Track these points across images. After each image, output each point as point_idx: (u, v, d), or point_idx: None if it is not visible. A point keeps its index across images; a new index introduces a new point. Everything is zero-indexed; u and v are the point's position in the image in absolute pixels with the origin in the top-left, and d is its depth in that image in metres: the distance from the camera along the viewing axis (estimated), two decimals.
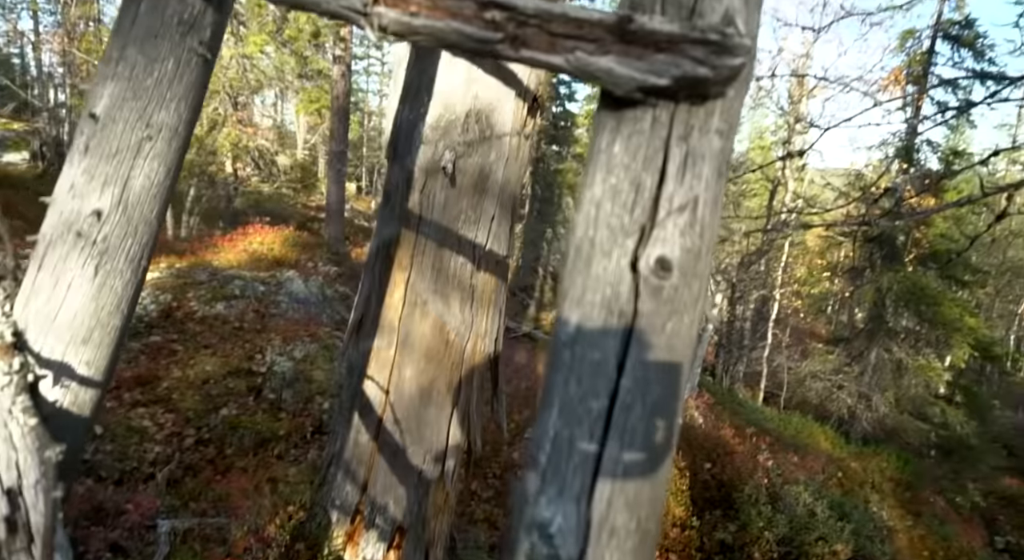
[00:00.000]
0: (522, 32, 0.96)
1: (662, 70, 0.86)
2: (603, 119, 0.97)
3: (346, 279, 13.34)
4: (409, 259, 3.56)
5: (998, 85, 2.48)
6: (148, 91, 1.30)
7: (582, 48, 0.92)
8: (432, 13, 1.02)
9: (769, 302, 19.76)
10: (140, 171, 1.32)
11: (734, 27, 0.89)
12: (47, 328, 1.28)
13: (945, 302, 13.11)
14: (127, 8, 1.32)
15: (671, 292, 0.94)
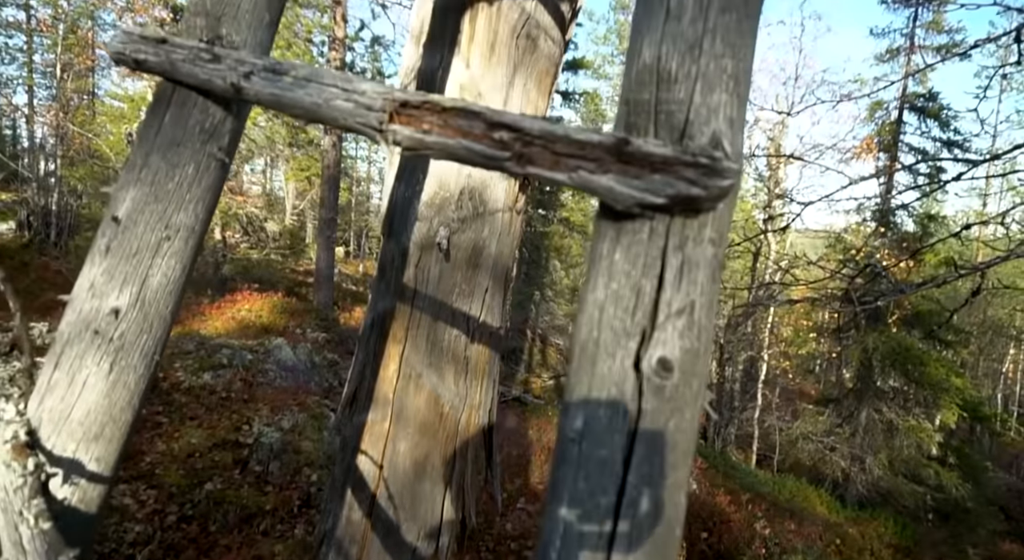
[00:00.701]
0: (528, 151, 1.04)
1: (658, 189, 0.95)
2: (603, 228, 1.04)
3: (335, 345, 13.26)
4: (404, 332, 3.60)
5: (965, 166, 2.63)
6: (169, 194, 1.37)
7: (584, 167, 1.00)
8: (444, 131, 1.11)
9: (757, 363, 19.80)
10: (158, 269, 1.37)
11: (721, 149, 0.98)
12: (61, 426, 1.30)
13: (931, 362, 13.23)
14: (152, 119, 1.41)
15: (673, 391, 1.00)
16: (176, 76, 1.36)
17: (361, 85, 1.20)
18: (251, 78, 1.28)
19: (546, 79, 3.62)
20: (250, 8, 1.46)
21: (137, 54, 1.39)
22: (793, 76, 16.61)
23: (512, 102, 3.47)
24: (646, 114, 1.03)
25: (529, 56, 3.46)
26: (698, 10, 1.01)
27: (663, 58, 1.02)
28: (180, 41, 1.38)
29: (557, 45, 3.60)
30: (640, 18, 1.07)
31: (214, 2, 1.44)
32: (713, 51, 1.00)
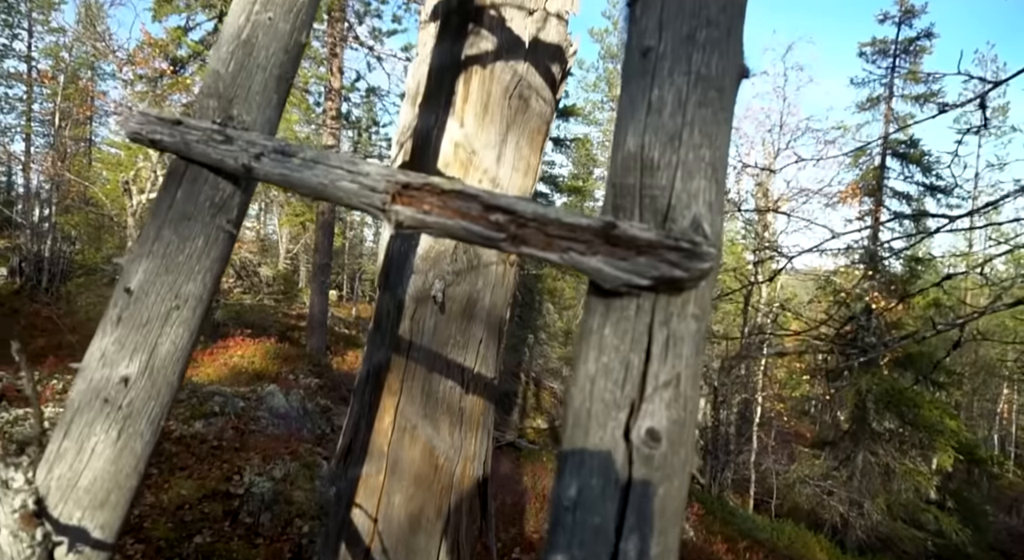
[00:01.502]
0: (522, 232, 1.12)
1: (644, 271, 1.02)
2: (593, 304, 1.11)
3: (327, 391, 13.17)
4: (399, 384, 3.63)
5: (945, 219, 2.74)
6: (179, 266, 1.43)
7: (574, 249, 1.08)
8: (443, 212, 1.19)
9: (752, 405, 19.74)
10: (167, 338, 1.42)
11: (702, 232, 1.06)
12: (68, 494, 1.33)
13: (924, 404, 13.25)
14: (164, 194, 1.49)
15: (661, 460, 1.05)
16: (190, 155, 1.45)
17: (365, 167, 1.28)
18: (261, 159, 1.36)
19: (538, 136, 3.75)
20: (260, 90, 1.55)
21: (153, 135, 1.47)
22: (778, 123, 17.12)
23: (505, 159, 3.59)
24: (631, 197, 1.12)
25: (521, 115, 3.60)
26: (677, 105, 1.10)
27: (646, 147, 1.10)
28: (194, 123, 1.46)
29: (548, 104, 3.74)
30: (624, 109, 1.16)
31: (226, 85, 1.53)
32: (692, 141, 1.09)
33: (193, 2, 18.45)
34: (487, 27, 3.51)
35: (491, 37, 3.50)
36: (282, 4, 1.58)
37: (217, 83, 1.54)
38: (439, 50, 3.67)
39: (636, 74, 1.15)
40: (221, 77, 1.54)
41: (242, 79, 1.53)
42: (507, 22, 3.52)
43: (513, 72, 3.53)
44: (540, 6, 3.59)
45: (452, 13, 3.61)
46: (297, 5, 1.61)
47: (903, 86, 15.61)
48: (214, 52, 1.57)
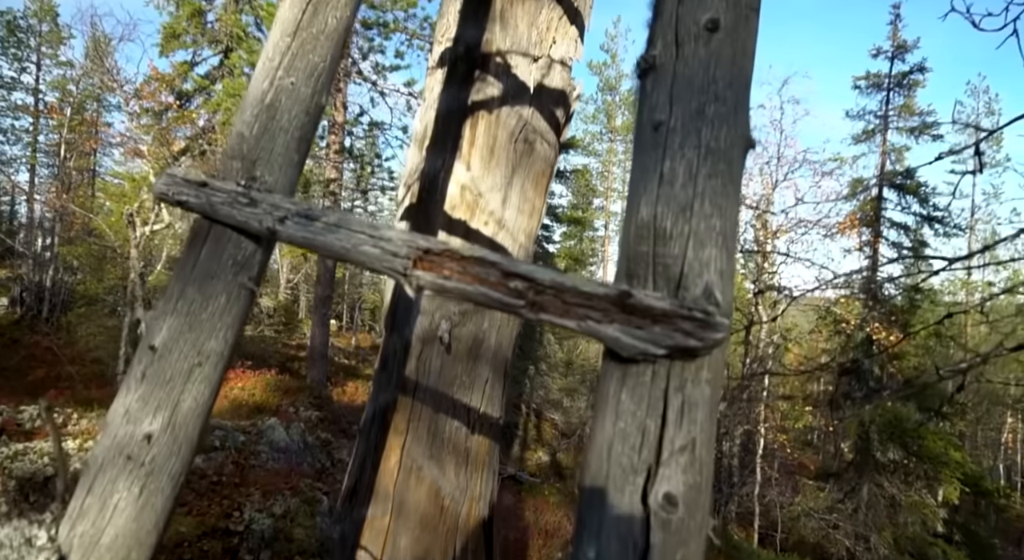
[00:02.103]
0: (540, 299, 1.16)
1: (659, 340, 1.06)
2: (610, 369, 1.15)
3: (328, 424, 13.10)
4: (405, 424, 3.63)
5: (945, 265, 2.80)
6: (202, 324, 1.47)
7: (591, 317, 1.12)
8: (463, 278, 1.23)
9: (755, 436, 19.58)
10: (189, 394, 1.46)
11: (714, 299, 1.10)
12: (90, 552, 1.35)
13: (928, 435, 13.16)
14: (189, 253, 1.53)
15: (678, 524, 1.08)
16: (215, 216, 1.49)
17: (386, 233, 1.33)
18: (285, 222, 1.41)
19: (542, 179, 3.82)
20: (282, 151, 1.61)
21: (180, 196, 1.53)
22: (775, 155, 17.35)
23: (511, 201, 3.65)
24: (645, 265, 1.16)
25: (526, 158, 3.67)
26: (688, 177, 1.15)
27: (659, 217, 1.15)
28: (219, 184, 1.51)
29: (552, 147, 3.82)
30: (637, 179, 1.21)
31: (250, 147, 1.59)
32: (703, 212, 1.14)
33: (200, 38, 18.79)
34: (493, 74, 3.61)
35: (497, 83, 3.60)
36: (304, 69, 1.65)
37: (241, 145, 1.59)
38: (446, 95, 3.76)
39: (648, 146, 1.20)
40: (245, 139, 1.60)
41: (265, 141, 1.59)
42: (512, 69, 3.62)
43: (518, 117, 3.61)
44: (544, 53, 3.69)
45: (459, 60, 3.71)
46: (318, 70, 1.67)
47: (898, 119, 15.86)
48: (239, 116, 1.63)
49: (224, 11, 18.04)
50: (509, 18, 3.63)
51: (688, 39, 1.19)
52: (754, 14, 1.21)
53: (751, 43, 1.21)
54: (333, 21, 1.71)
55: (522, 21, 3.63)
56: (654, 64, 1.22)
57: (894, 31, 15.36)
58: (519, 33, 3.64)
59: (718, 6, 1.19)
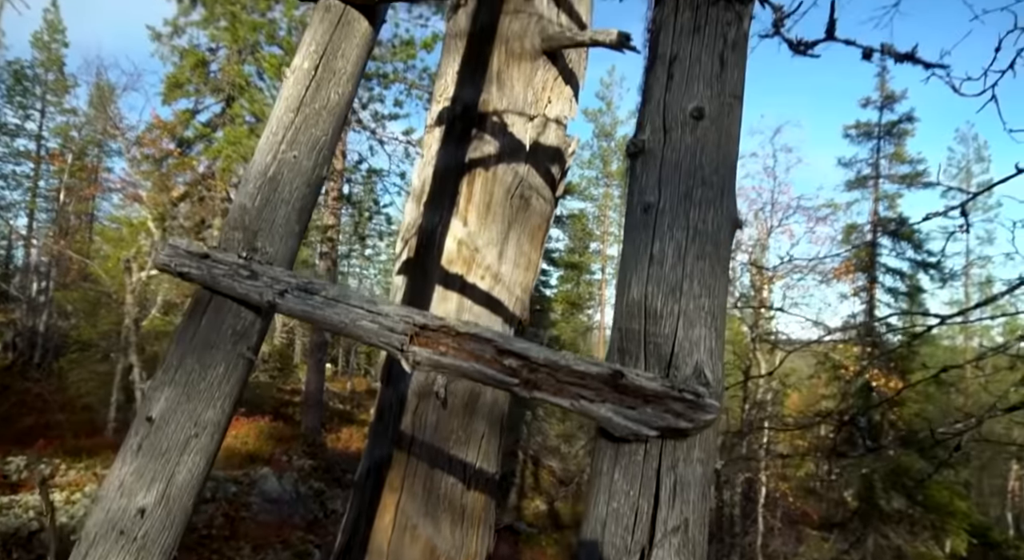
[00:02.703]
0: (534, 377, 1.18)
1: (651, 421, 1.07)
2: (603, 447, 1.16)
3: (321, 472, 12.88)
4: (400, 480, 3.60)
5: (937, 322, 2.83)
6: (200, 394, 1.48)
7: (584, 396, 1.14)
8: (458, 354, 1.26)
9: (756, 484, 19.27)
10: (184, 466, 1.46)
11: (704, 378, 1.12)
12: None
13: (932, 485, 12.96)
14: (189, 323, 1.55)
15: None
16: (216, 288, 1.52)
17: (384, 307, 1.36)
18: (285, 296, 1.44)
19: (538, 233, 3.87)
20: (283, 222, 1.65)
21: (182, 267, 1.56)
22: (770, 202, 17.61)
23: (507, 256, 3.70)
24: (637, 342, 1.19)
25: (522, 214, 3.73)
26: (677, 257, 1.19)
27: (649, 296, 1.18)
28: (221, 256, 1.55)
29: (548, 203, 3.89)
30: (628, 258, 1.25)
31: (252, 219, 1.63)
32: (692, 292, 1.17)
33: (202, 87, 19.16)
34: (490, 132, 3.70)
35: (493, 141, 3.69)
36: (306, 143, 1.71)
37: (243, 217, 1.64)
38: (443, 152, 3.85)
39: (638, 226, 1.25)
40: (247, 211, 1.64)
41: (267, 213, 1.63)
42: (509, 127, 3.71)
43: (514, 173, 3.69)
44: (540, 112, 3.79)
45: (457, 119, 3.81)
46: (320, 143, 1.73)
47: (889, 166, 16.16)
48: (241, 188, 1.68)
49: (227, 61, 18.47)
50: (506, 79, 3.75)
51: (675, 126, 1.24)
52: (737, 102, 1.26)
53: (735, 129, 1.26)
54: (335, 96, 1.77)
55: (518, 82, 3.75)
56: (643, 148, 1.27)
57: (882, 82, 15.79)
58: (515, 93, 3.75)
59: (703, 95, 1.25)
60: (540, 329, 25.74)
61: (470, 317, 3.70)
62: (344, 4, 1.82)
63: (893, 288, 15.43)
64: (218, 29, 17.79)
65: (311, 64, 1.75)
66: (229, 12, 16.59)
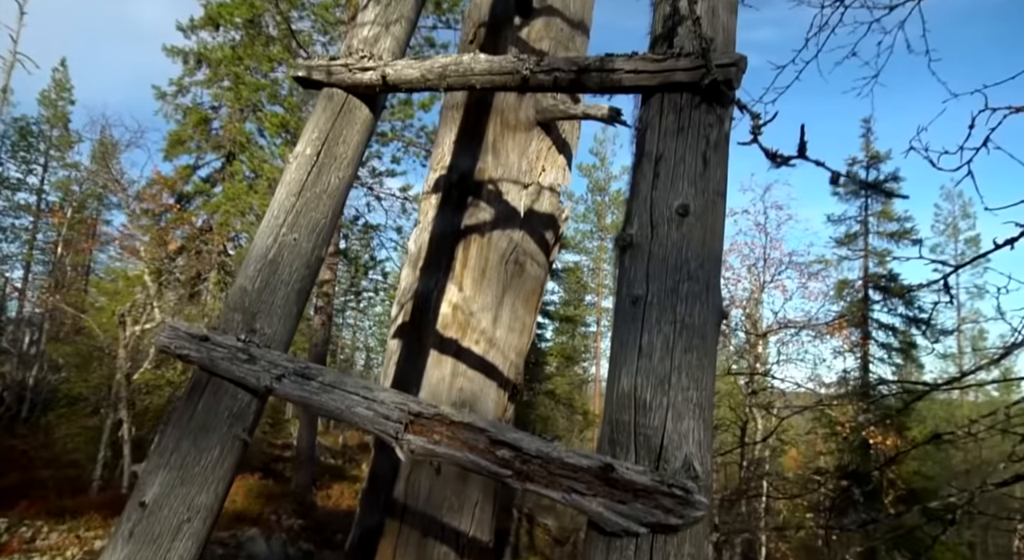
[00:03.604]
0: (526, 468, 1.20)
1: (641, 517, 1.09)
2: (594, 540, 1.17)
3: (311, 533, 12.54)
4: (392, 549, 3.53)
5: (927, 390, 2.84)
6: (194, 478, 1.49)
7: (576, 489, 1.15)
8: (452, 443, 1.28)
9: (755, 544, 18.79)
10: (176, 553, 1.45)
11: (693, 471, 1.14)
12: None
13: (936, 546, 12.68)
14: (187, 404, 1.57)
15: None
16: (215, 370, 1.55)
17: (379, 394, 1.38)
18: (282, 380, 1.46)
19: (532, 298, 3.92)
20: (282, 304, 1.69)
21: (181, 350, 1.59)
22: (762, 257, 17.79)
23: (502, 320, 3.73)
24: (627, 434, 1.21)
25: (517, 279, 3.79)
26: (665, 350, 1.23)
27: (639, 388, 1.22)
28: (220, 339, 1.58)
29: (542, 268, 3.95)
30: (617, 350, 1.29)
31: (252, 300, 1.67)
32: (680, 385, 1.20)
33: (204, 143, 19.52)
34: (485, 200, 3.79)
35: (489, 208, 3.78)
36: (306, 226, 1.76)
37: (243, 298, 1.67)
38: (440, 219, 3.93)
39: (627, 319, 1.29)
40: (248, 293, 1.68)
41: (266, 295, 1.67)
42: (504, 195, 3.81)
43: (509, 239, 3.76)
44: (534, 180, 3.90)
45: (453, 187, 3.90)
46: (319, 226, 1.79)
47: (877, 224, 16.45)
48: (242, 271, 1.72)
49: (229, 119, 18.90)
50: (501, 149, 3.86)
51: (662, 221, 1.30)
52: (721, 199, 1.33)
53: (719, 225, 1.32)
54: (336, 181, 1.84)
55: (513, 152, 3.87)
56: (632, 242, 1.33)
57: (867, 143, 16.25)
58: (510, 162, 3.86)
59: (688, 192, 1.31)
60: (536, 383, 25.55)
61: (465, 381, 3.70)
62: (347, 93, 1.91)
63: (887, 344, 15.46)
64: (221, 89, 18.27)
65: (313, 150, 1.83)
66: (233, 73, 17.06)
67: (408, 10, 2.10)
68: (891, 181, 15.64)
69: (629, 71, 1.42)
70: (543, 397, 25.25)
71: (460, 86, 1.69)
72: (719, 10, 1.43)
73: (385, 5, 2.03)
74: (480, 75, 1.62)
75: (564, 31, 3.99)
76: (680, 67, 1.36)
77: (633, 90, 1.48)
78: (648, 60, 1.41)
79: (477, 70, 1.61)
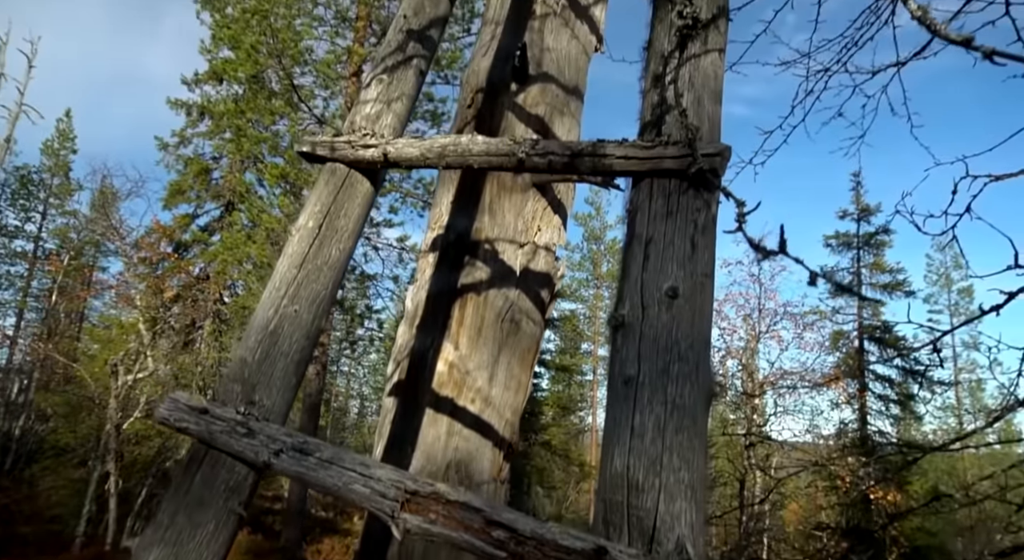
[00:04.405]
0: (521, 550, 1.21)
1: None
2: None
3: None
4: None
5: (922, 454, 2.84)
6: (189, 553, 1.49)
7: None
8: (447, 522, 1.29)
9: None
10: None
11: (686, 554, 1.16)
12: None
13: None
14: (184, 478, 1.58)
15: None
16: (213, 443, 1.57)
17: (376, 471, 1.40)
18: (280, 456, 1.48)
19: (528, 356, 3.94)
20: (281, 375, 1.72)
21: (180, 422, 1.61)
22: (757, 308, 17.89)
23: (497, 379, 3.75)
24: (620, 514, 1.23)
25: (513, 337, 3.82)
26: (657, 431, 1.25)
27: (631, 469, 1.24)
28: (219, 412, 1.60)
29: (538, 325, 3.99)
30: (610, 430, 1.31)
31: (252, 372, 1.70)
32: (672, 465, 1.23)
33: (204, 193, 19.74)
34: (482, 259, 3.86)
35: (485, 267, 3.84)
36: (307, 297, 1.81)
37: (243, 370, 1.70)
38: (437, 277, 3.98)
39: (620, 399, 1.32)
40: (248, 364, 1.71)
41: (266, 366, 1.70)
42: (500, 254, 3.87)
43: (505, 298, 3.81)
44: (530, 240, 3.97)
45: (450, 246, 3.97)
46: (320, 297, 1.83)
47: (870, 276, 16.63)
48: (242, 342, 1.76)
49: (229, 170, 19.18)
50: (497, 209, 3.95)
51: (652, 303, 1.35)
52: (708, 280, 1.38)
53: (708, 306, 1.37)
54: (336, 253, 1.90)
55: (509, 212, 3.95)
56: (623, 322, 1.37)
57: (857, 196, 16.56)
58: (506, 222, 3.94)
59: (676, 275, 1.36)
60: (531, 433, 25.23)
61: (460, 441, 3.69)
62: (349, 168, 1.98)
63: (884, 395, 15.40)
64: (223, 140, 18.62)
65: (315, 223, 1.89)
66: (235, 125, 17.41)
67: (409, 88, 2.20)
68: (882, 233, 15.86)
69: (620, 157, 1.50)
70: (539, 448, 24.90)
71: (458, 165, 1.77)
72: (704, 100, 1.52)
73: (387, 84, 2.13)
74: (478, 156, 1.69)
75: (559, 97, 4.13)
76: (668, 155, 1.43)
77: (624, 174, 1.55)
78: (638, 147, 1.49)
79: (475, 151, 1.69)
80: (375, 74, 2.16)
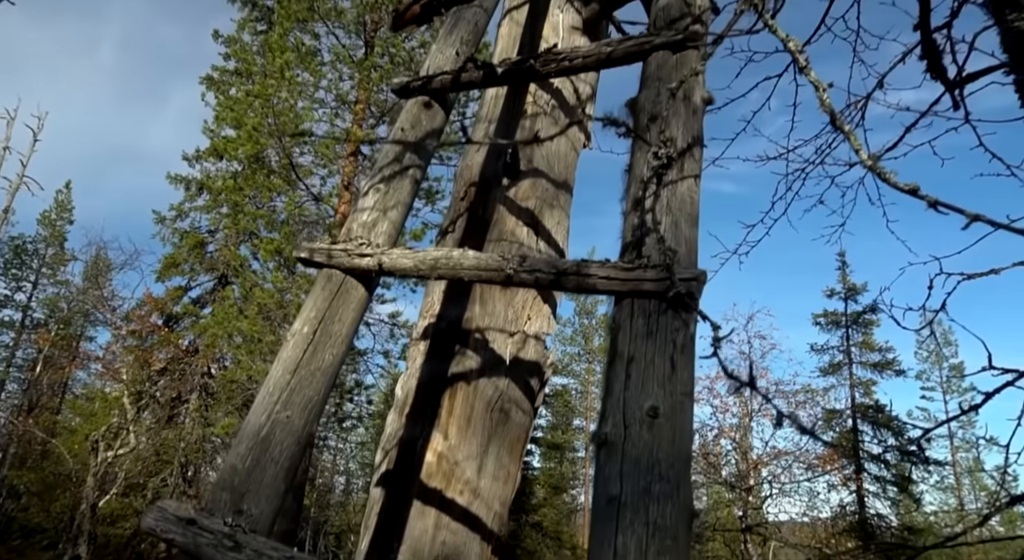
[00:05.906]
0: None
1: None
2: None
3: None
4: None
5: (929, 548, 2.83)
6: None
7: None
8: None
9: None
10: None
11: None
12: None
13: None
14: None
15: None
16: (200, 557, 1.56)
17: None
18: None
19: (517, 445, 3.93)
20: (271, 482, 1.73)
21: (167, 533, 1.61)
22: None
23: (486, 470, 3.72)
24: None
25: (502, 427, 3.82)
26: (639, 553, 1.28)
27: None
28: (206, 523, 1.61)
29: (527, 415, 4.00)
30: (595, 552, 1.33)
31: (241, 480, 1.71)
32: None
33: (198, 266, 19.86)
34: (472, 348, 3.90)
35: (475, 356, 3.88)
36: (299, 403, 1.85)
37: (232, 478, 1.72)
38: (427, 366, 4.01)
39: (603, 518, 1.35)
40: (237, 472, 1.72)
41: (256, 474, 1.72)
42: (490, 343, 3.93)
43: (495, 387, 3.83)
44: (520, 329, 4.04)
45: (441, 335, 4.03)
46: (312, 402, 1.87)
47: (860, 354, 16.71)
48: (233, 448, 1.78)
49: (224, 243, 19.38)
50: (488, 299, 4.03)
51: (634, 422, 1.40)
52: (688, 399, 1.44)
53: (688, 425, 1.42)
54: (330, 357, 1.95)
55: (499, 302, 4.03)
56: (607, 440, 1.42)
57: (843, 275, 16.88)
58: (497, 311, 4.01)
59: (657, 394, 1.42)
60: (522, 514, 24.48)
61: (448, 535, 3.62)
62: (345, 274, 2.07)
63: (880, 477, 15.16)
64: (220, 214, 18.92)
65: (310, 329, 1.95)
66: (232, 200, 17.73)
67: (405, 195, 2.32)
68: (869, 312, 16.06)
69: (603, 277, 1.59)
70: (530, 529, 24.10)
71: (449, 277, 1.85)
72: (681, 224, 1.62)
73: (384, 193, 2.25)
74: (468, 270, 1.78)
75: (549, 191, 4.30)
76: (647, 278, 1.52)
77: (606, 293, 1.63)
78: (619, 268, 1.58)
79: (466, 265, 1.78)
80: (372, 183, 2.28)
